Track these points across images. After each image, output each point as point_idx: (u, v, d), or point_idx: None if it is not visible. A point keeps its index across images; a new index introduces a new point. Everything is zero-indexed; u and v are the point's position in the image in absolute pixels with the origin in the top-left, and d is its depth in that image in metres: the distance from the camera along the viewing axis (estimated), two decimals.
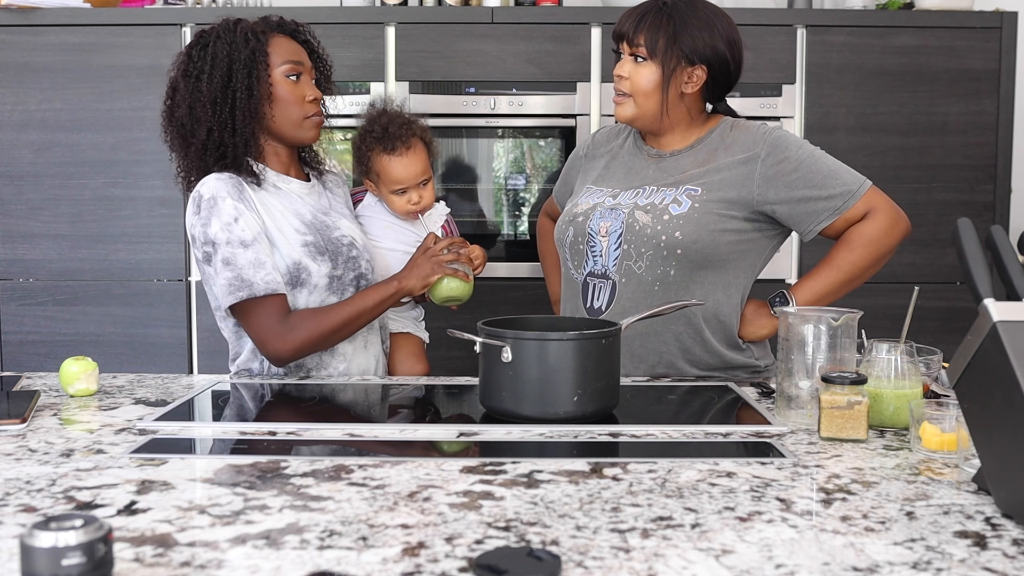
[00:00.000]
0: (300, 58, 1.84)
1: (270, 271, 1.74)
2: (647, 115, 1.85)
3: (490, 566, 0.86)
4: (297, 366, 1.86)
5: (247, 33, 1.80)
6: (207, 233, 1.74)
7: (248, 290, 1.72)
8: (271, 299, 1.74)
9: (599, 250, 1.85)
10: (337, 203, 1.98)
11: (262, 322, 1.74)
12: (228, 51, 1.78)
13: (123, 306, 3.00)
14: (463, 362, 1.90)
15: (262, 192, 1.82)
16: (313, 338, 1.76)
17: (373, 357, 1.94)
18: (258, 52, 1.79)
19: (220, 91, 1.77)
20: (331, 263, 1.82)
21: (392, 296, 1.82)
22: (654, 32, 1.79)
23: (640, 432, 1.39)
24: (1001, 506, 1.05)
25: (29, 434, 1.37)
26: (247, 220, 1.75)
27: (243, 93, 1.78)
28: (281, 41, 1.84)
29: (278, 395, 1.69)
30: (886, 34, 2.95)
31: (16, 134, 2.97)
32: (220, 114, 1.78)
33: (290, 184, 1.88)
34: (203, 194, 1.76)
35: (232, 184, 1.77)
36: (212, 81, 1.78)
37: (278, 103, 1.81)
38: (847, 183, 1.79)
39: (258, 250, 1.74)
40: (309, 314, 1.77)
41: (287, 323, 1.74)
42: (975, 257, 1.11)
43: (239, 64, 1.78)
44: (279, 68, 1.81)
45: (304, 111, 1.83)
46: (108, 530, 0.83)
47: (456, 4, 3.01)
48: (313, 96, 1.84)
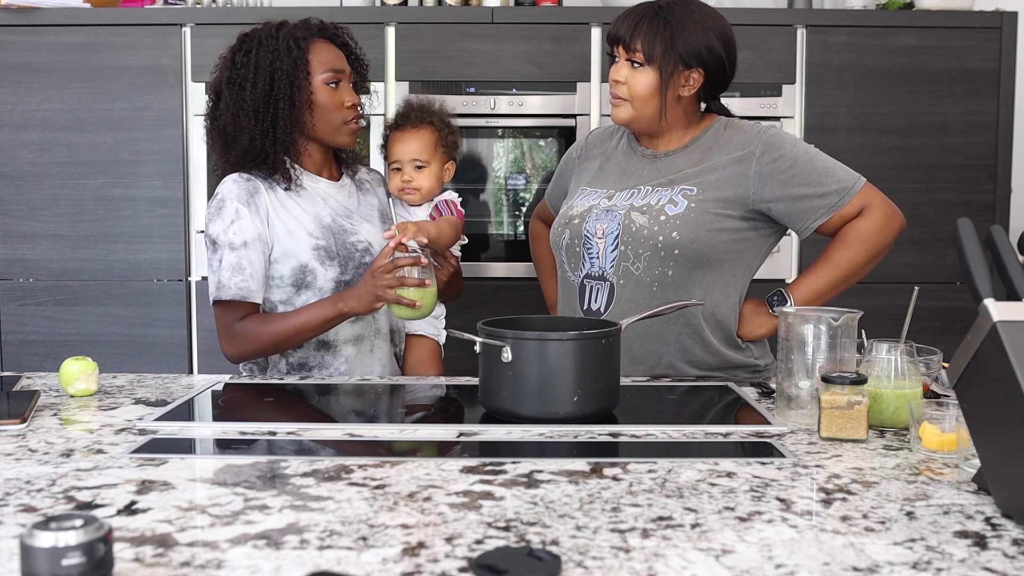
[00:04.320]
0: (340, 64, 1.88)
1: (247, 278, 1.80)
2: (645, 118, 1.84)
3: (490, 566, 0.86)
4: (300, 365, 1.88)
5: (289, 41, 1.83)
6: (209, 230, 1.84)
7: (217, 292, 1.81)
8: (237, 304, 1.82)
9: (596, 252, 1.85)
10: (367, 205, 1.99)
11: (220, 323, 1.85)
12: (271, 59, 1.82)
13: (123, 306, 3.00)
14: (463, 362, 1.90)
15: (284, 194, 1.86)
16: (253, 347, 1.83)
17: (378, 361, 1.94)
18: (300, 60, 1.83)
19: (263, 100, 1.82)
20: (340, 268, 1.85)
21: (335, 318, 1.79)
22: (651, 38, 1.78)
23: (640, 432, 1.39)
24: (1001, 506, 1.05)
25: (29, 434, 1.37)
26: (243, 224, 1.81)
27: (285, 102, 1.82)
28: (321, 47, 1.87)
29: (278, 395, 1.69)
30: (886, 34, 2.95)
31: (16, 134, 2.97)
32: (263, 123, 1.83)
33: (318, 184, 1.91)
34: (218, 192, 1.86)
35: (245, 187, 1.83)
36: (256, 90, 1.82)
37: (318, 110, 1.85)
38: (842, 180, 1.79)
39: (242, 255, 1.80)
40: (256, 322, 1.82)
41: (235, 328, 1.82)
42: (975, 257, 1.11)
43: (281, 73, 1.82)
44: (320, 76, 1.84)
45: (343, 116, 1.87)
46: (108, 530, 0.84)
47: (456, 4, 3.01)
48: (352, 102, 1.88)
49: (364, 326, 1.91)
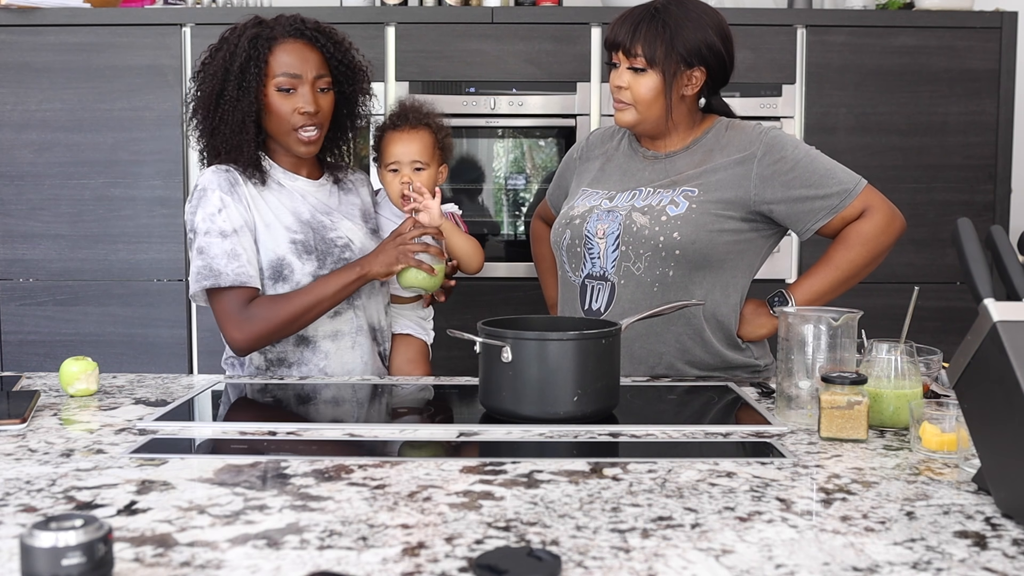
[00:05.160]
0: (299, 69, 1.81)
1: (244, 264, 1.78)
2: (650, 121, 1.84)
3: (490, 566, 0.86)
4: (279, 361, 1.87)
5: (249, 41, 1.80)
6: (192, 221, 1.82)
7: (214, 279, 1.76)
8: (238, 290, 1.78)
9: (597, 252, 1.85)
10: (349, 204, 1.98)
11: (224, 310, 1.79)
12: (226, 60, 1.81)
13: (123, 306, 3.00)
14: (463, 362, 1.89)
15: (261, 187, 1.85)
16: (270, 326, 1.78)
17: (360, 359, 1.92)
18: (254, 62, 1.80)
19: (214, 100, 1.82)
20: (318, 262, 1.84)
21: (355, 281, 1.82)
22: (651, 41, 1.78)
23: (640, 432, 1.39)
24: (1001, 506, 1.05)
25: (29, 434, 1.37)
26: (230, 212, 1.79)
27: (230, 105, 1.81)
28: (288, 48, 1.82)
29: (278, 395, 1.69)
30: (886, 34, 2.95)
31: (16, 134, 2.97)
32: (211, 121, 1.83)
33: (295, 182, 1.90)
34: (198, 184, 1.84)
35: (226, 177, 1.82)
36: (205, 89, 1.83)
37: (270, 115, 1.83)
38: (843, 182, 1.79)
39: (235, 242, 1.78)
40: (267, 301, 1.79)
41: (246, 312, 1.77)
42: (975, 257, 1.11)
43: (232, 75, 1.80)
44: (275, 79, 1.81)
45: (293, 123, 1.82)
46: (108, 530, 0.84)
47: (456, 4, 3.01)
48: (306, 109, 1.81)
49: (344, 322, 1.89)
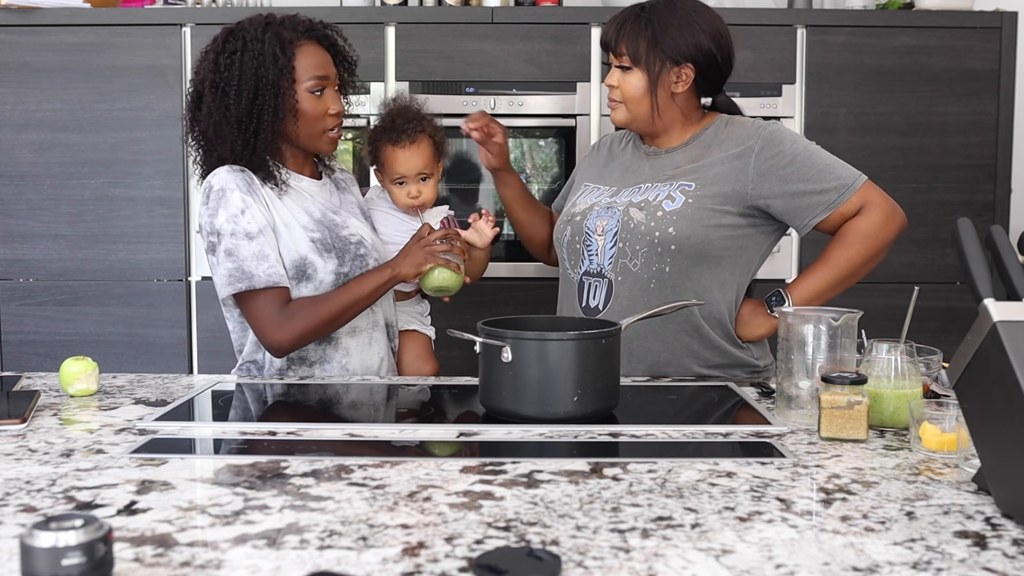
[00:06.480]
0: (326, 70, 1.83)
1: (273, 264, 1.75)
2: (640, 119, 1.86)
3: (490, 566, 0.86)
4: (300, 360, 1.86)
5: (276, 45, 1.77)
6: (213, 223, 1.76)
7: (248, 282, 1.73)
8: (272, 291, 1.75)
9: (595, 249, 1.86)
10: (348, 202, 1.98)
11: (261, 312, 1.75)
12: (256, 66, 1.76)
13: (123, 306, 2.99)
14: (463, 362, 1.90)
15: (273, 188, 1.83)
16: (311, 326, 1.77)
17: (377, 355, 1.94)
18: (285, 68, 1.78)
19: (247, 111, 1.77)
20: (338, 260, 1.83)
21: (387, 283, 1.84)
22: (634, 39, 1.81)
23: (640, 432, 1.39)
24: (1001, 506, 1.05)
25: (29, 434, 1.37)
26: (254, 213, 1.76)
27: (269, 114, 1.78)
28: (309, 51, 1.82)
29: (278, 395, 1.69)
30: (886, 34, 2.95)
31: (16, 134, 2.97)
32: (245, 133, 1.78)
33: (301, 182, 1.89)
34: (213, 185, 1.78)
35: (242, 177, 1.78)
36: (240, 100, 1.77)
37: (302, 119, 1.81)
38: (842, 177, 1.79)
39: (263, 243, 1.76)
40: (307, 303, 1.78)
41: (285, 312, 1.75)
42: (975, 257, 1.11)
43: (266, 82, 1.77)
44: (305, 83, 1.80)
45: (325, 125, 1.84)
46: (108, 530, 0.83)
47: (456, 4, 3.01)
48: (336, 110, 1.84)
49: (361, 319, 1.89)
